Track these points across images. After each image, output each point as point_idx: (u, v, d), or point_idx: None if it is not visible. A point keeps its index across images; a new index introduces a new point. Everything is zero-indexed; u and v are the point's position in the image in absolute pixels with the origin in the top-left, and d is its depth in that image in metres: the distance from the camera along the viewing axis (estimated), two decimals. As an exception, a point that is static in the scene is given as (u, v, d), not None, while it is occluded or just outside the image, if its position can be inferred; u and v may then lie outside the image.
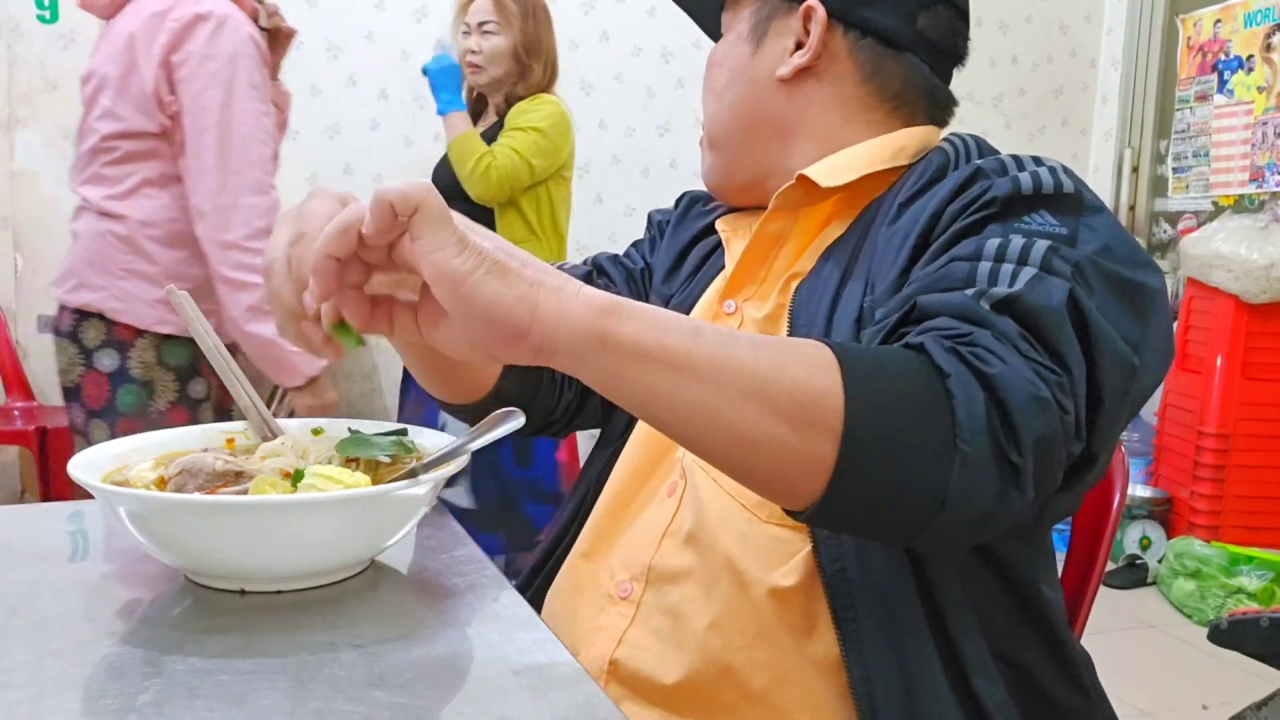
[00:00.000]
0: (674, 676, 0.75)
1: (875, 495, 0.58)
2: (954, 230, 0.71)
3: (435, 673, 0.55)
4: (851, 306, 0.76)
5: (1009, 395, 0.58)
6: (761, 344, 0.58)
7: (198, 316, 0.75)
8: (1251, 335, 2.99)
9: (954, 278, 0.66)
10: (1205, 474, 2.98)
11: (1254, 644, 1.44)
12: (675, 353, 0.56)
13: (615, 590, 0.81)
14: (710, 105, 0.93)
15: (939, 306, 0.64)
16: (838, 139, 0.87)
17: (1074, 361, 0.62)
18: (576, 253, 3.65)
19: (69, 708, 0.50)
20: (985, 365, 0.59)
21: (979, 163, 0.76)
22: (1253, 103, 3.51)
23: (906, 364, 0.59)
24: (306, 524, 0.62)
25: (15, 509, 0.86)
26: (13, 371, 3.02)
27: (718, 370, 0.56)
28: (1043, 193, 0.71)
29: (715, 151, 0.93)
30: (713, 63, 0.93)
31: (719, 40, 0.95)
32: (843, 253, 0.82)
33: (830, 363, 0.57)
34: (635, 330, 0.56)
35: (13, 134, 3.04)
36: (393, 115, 3.49)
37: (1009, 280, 0.64)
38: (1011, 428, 0.58)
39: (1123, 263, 0.69)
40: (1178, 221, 3.84)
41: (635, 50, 3.66)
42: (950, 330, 0.62)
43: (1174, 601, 2.78)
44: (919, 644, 0.70)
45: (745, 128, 0.91)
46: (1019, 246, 0.66)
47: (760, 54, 0.89)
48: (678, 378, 0.56)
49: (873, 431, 0.57)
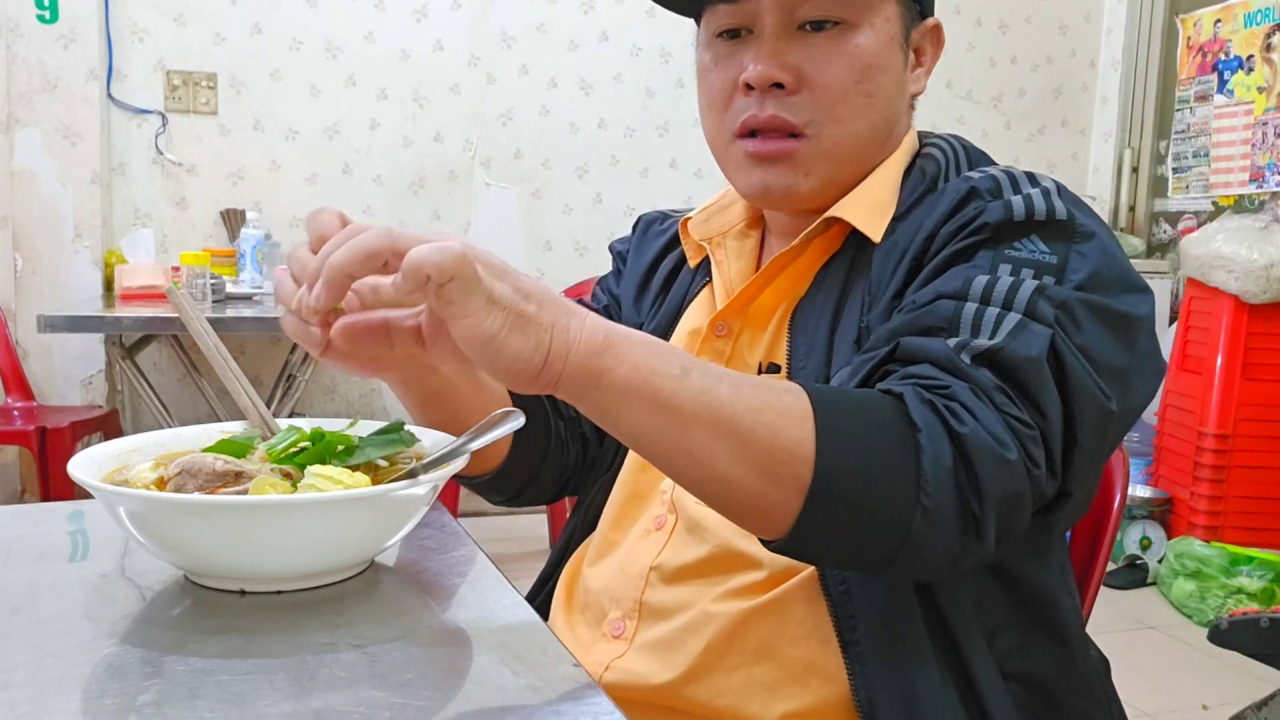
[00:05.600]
0: (665, 678, 0.76)
1: (838, 538, 0.62)
2: (946, 254, 0.72)
3: (435, 673, 0.55)
4: (851, 328, 0.76)
5: (976, 454, 0.60)
6: (743, 388, 0.60)
7: (197, 316, 0.75)
8: (1251, 335, 2.98)
9: (940, 316, 0.68)
10: (1205, 474, 2.97)
11: (1254, 644, 1.44)
12: (661, 393, 0.58)
13: (608, 629, 0.81)
14: (860, 113, 0.80)
15: (921, 353, 0.66)
16: None
17: (1051, 409, 0.64)
18: (576, 253, 3.66)
19: (69, 708, 0.50)
20: (958, 422, 0.61)
21: (974, 180, 0.75)
22: (1253, 103, 3.51)
23: (882, 413, 0.62)
24: (306, 524, 0.62)
25: (15, 509, 0.86)
26: (13, 371, 3.02)
27: (698, 413, 0.58)
28: (1035, 218, 0.71)
29: (842, 166, 0.81)
30: (867, 64, 0.79)
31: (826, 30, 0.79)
32: (839, 270, 0.81)
33: (805, 414, 0.60)
34: (627, 371, 0.58)
35: (13, 134, 3.04)
36: (393, 115, 3.49)
37: (991, 329, 0.66)
38: (976, 484, 0.61)
39: (1111, 290, 0.70)
40: (1178, 221, 3.84)
41: (635, 50, 3.66)
42: (930, 381, 0.64)
43: (1174, 602, 2.78)
44: (925, 666, 0.69)
45: (878, 143, 0.83)
46: (1005, 287, 0.67)
47: (908, 66, 0.84)
48: (660, 418, 0.58)
49: (839, 484, 0.59)
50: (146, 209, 3.30)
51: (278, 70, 3.37)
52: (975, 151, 0.85)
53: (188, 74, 3.29)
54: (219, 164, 3.35)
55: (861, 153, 0.82)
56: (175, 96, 3.28)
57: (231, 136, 3.35)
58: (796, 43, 0.79)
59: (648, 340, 0.60)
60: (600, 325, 0.59)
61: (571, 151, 3.66)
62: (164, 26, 3.26)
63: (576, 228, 3.70)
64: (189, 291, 2.61)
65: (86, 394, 3.20)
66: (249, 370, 3.31)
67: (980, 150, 0.85)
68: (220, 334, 0.77)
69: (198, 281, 2.70)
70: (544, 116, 3.63)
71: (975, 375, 0.63)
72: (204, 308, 2.63)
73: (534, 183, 3.65)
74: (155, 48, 3.26)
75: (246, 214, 3.20)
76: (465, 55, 3.54)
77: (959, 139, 0.86)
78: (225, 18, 3.31)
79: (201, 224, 3.35)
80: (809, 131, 0.80)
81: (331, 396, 3.53)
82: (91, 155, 3.12)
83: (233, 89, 3.34)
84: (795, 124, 0.79)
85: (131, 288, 2.83)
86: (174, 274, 2.92)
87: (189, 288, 2.67)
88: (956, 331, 0.66)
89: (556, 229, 3.68)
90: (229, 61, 3.33)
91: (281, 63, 3.38)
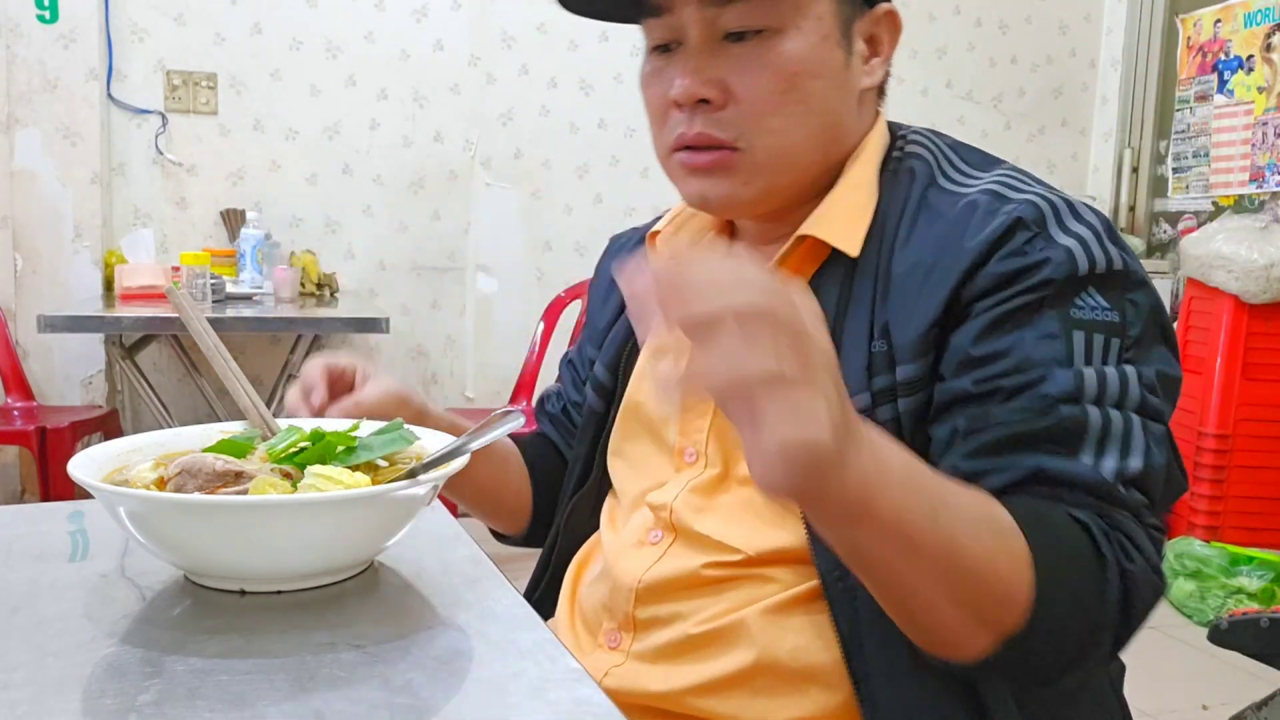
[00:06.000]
0: (663, 688, 0.76)
1: (1011, 674, 0.64)
2: (1006, 309, 0.69)
3: (435, 673, 0.55)
4: (858, 351, 0.73)
5: (1138, 591, 0.64)
6: (981, 530, 0.59)
7: (197, 316, 0.75)
8: (1252, 335, 2.98)
9: (1063, 424, 0.66)
10: (1205, 474, 2.98)
11: (1254, 644, 1.44)
12: (911, 538, 0.56)
13: (604, 640, 0.81)
14: (791, 123, 0.76)
15: (1069, 477, 0.65)
16: None
17: (1164, 494, 0.69)
18: (576, 253, 3.66)
19: (69, 708, 0.50)
20: (1128, 560, 0.63)
21: (1016, 207, 0.71)
22: (1253, 103, 3.51)
23: (1078, 551, 0.63)
24: (306, 524, 0.62)
25: (15, 509, 0.86)
26: (13, 371, 3.02)
27: (937, 558, 0.57)
28: (1096, 271, 0.70)
29: (781, 175, 0.78)
30: (793, 72, 0.74)
31: (749, 39, 0.75)
32: (831, 285, 0.76)
33: (1026, 560, 0.60)
34: (887, 510, 0.54)
35: (13, 134, 3.04)
36: (393, 115, 3.49)
37: (1123, 443, 0.66)
38: (1129, 620, 0.64)
39: (1161, 344, 0.72)
40: (1178, 221, 3.84)
41: (635, 50, 3.64)
42: (1094, 506, 0.65)
43: (1174, 602, 2.78)
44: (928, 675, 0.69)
45: (824, 148, 0.78)
46: (1115, 385, 0.67)
47: (852, 62, 0.78)
48: (898, 555, 0.57)
49: (1038, 633, 0.60)
50: (146, 209, 3.30)
51: (278, 70, 3.38)
52: (963, 147, 0.82)
53: (188, 74, 3.29)
54: (219, 164, 3.35)
55: (802, 161, 0.78)
56: (175, 96, 3.28)
57: (231, 136, 3.35)
58: (722, 55, 0.75)
59: (905, 473, 0.56)
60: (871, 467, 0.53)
61: (571, 151, 3.66)
62: (164, 26, 3.26)
63: (576, 228, 3.70)
64: (189, 291, 2.61)
65: (86, 394, 3.20)
66: (249, 370, 3.30)
67: (966, 144, 0.82)
68: (220, 334, 0.77)
69: (198, 281, 2.70)
70: (544, 116, 3.63)
71: (1130, 500, 0.66)
72: (204, 308, 2.63)
73: (534, 183, 3.65)
74: (155, 48, 3.26)
75: (246, 214, 3.20)
76: (465, 55, 3.54)
77: (936, 134, 0.83)
78: (225, 18, 3.31)
79: (201, 224, 3.36)
80: (741, 145, 0.76)
81: (331, 396, 3.53)
82: (91, 155, 3.12)
83: (233, 89, 3.34)
84: (725, 140, 0.76)
85: (131, 288, 2.83)
86: (174, 274, 2.92)
87: (189, 288, 2.67)
88: (1087, 446, 0.66)
89: (556, 229, 3.68)
90: (229, 61, 3.33)
91: (281, 63, 3.38)
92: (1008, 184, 0.74)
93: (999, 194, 0.73)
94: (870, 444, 0.53)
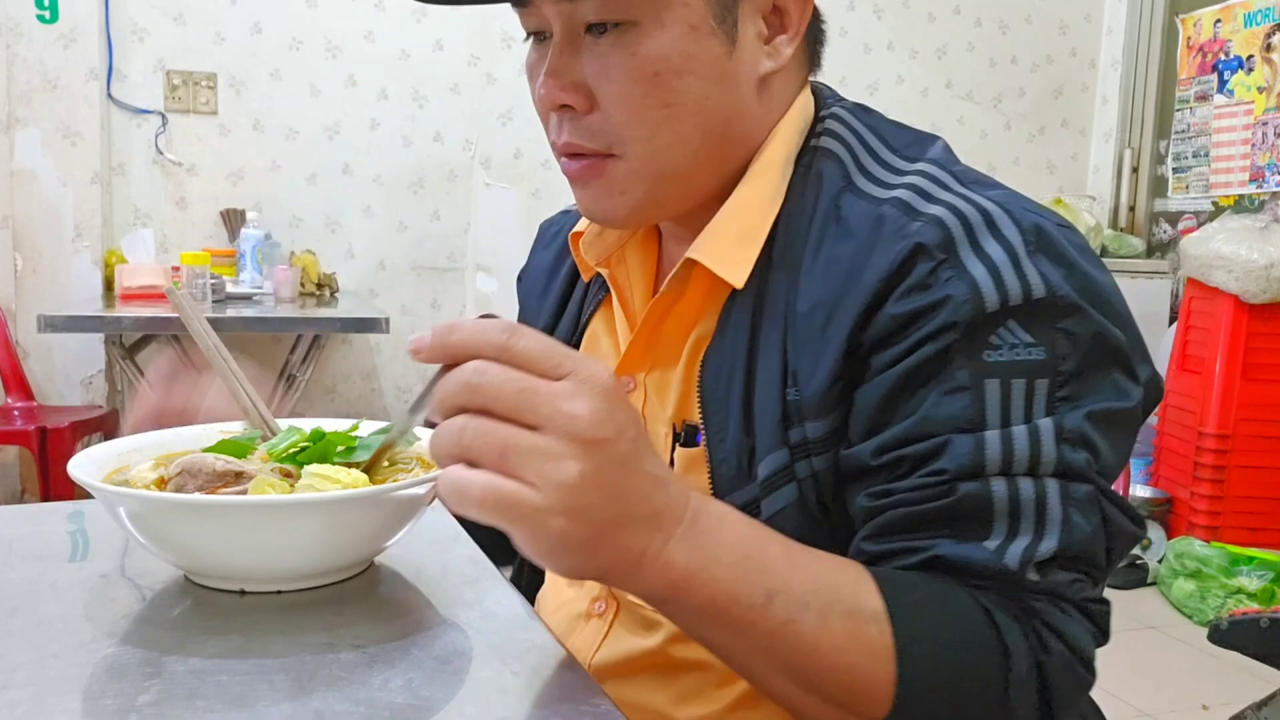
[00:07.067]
0: (657, 641, 0.74)
1: None
2: (909, 364, 0.61)
3: (435, 673, 0.55)
4: (772, 398, 0.67)
5: (1055, 686, 0.58)
6: (830, 620, 0.55)
7: (197, 316, 0.75)
8: (1252, 335, 2.99)
9: (968, 508, 0.59)
10: (1205, 474, 2.98)
11: (1254, 644, 1.44)
12: (741, 622, 0.54)
13: (590, 608, 0.80)
14: (661, 128, 0.67)
15: (970, 566, 0.59)
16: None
17: (1104, 558, 0.62)
18: (576, 253, 3.66)
19: (69, 708, 0.50)
20: (1042, 650, 0.58)
21: (916, 232, 0.62)
22: (1253, 103, 3.51)
23: (971, 640, 0.57)
24: (306, 524, 0.62)
25: (15, 509, 0.86)
26: (13, 371, 3.02)
27: (774, 647, 0.55)
28: (1009, 305, 0.60)
29: (663, 184, 0.69)
30: (654, 71, 0.65)
31: (608, 33, 0.66)
32: (745, 305, 0.70)
33: (885, 650, 0.56)
34: (708, 597, 0.53)
35: (13, 134, 3.04)
36: (392, 115, 3.49)
37: (1036, 522, 0.59)
38: (1050, 710, 0.59)
39: (1103, 375, 0.62)
40: (1178, 221, 3.84)
41: (635, 50, 3.66)
42: (1002, 593, 0.59)
43: (1174, 602, 2.78)
44: None
45: (711, 150, 0.70)
46: (1024, 446, 0.59)
47: (740, 49, 0.68)
48: (736, 642, 0.56)
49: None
50: (146, 209, 3.30)
51: (277, 70, 3.38)
52: (890, 127, 0.72)
53: (188, 74, 3.29)
54: (219, 164, 3.35)
55: (681, 167, 0.69)
56: (175, 96, 3.28)
57: (231, 136, 3.35)
58: (586, 52, 0.67)
59: (739, 554, 0.54)
60: (680, 558, 0.52)
61: (571, 151, 3.66)
62: (164, 26, 3.26)
63: (576, 228, 3.70)
64: (189, 291, 2.61)
65: (86, 394, 3.20)
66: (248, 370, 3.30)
67: (894, 123, 0.73)
68: (220, 334, 0.77)
69: (198, 281, 2.70)
70: (544, 116, 3.63)
71: (1046, 584, 0.59)
72: (204, 308, 2.63)
73: (534, 183, 3.65)
74: (155, 47, 3.26)
75: (246, 214, 3.20)
76: (465, 55, 3.54)
77: (860, 113, 0.74)
78: (225, 17, 3.31)
79: (201, 224, 3.36)
80: (616, 151, 0.68)
81: (331, 396, 3.53)
82: (91, 155, 3.12)
83: (233, 89, 3.34)
84: (596, 149, 0.68)
85: (131, 288, 2.83)
86: (174, 274, 2.92)
87: (189, 288, 2.67)
88: (994, 528, 0.59)
89: (556, 229, 3.68)
90: (229, 61, 3.33)
91: (281, 62, 3.38)
92: (922, 189, 0.65)
93: (909, 205, 0.64)
94: (694, 530, 0.52)
